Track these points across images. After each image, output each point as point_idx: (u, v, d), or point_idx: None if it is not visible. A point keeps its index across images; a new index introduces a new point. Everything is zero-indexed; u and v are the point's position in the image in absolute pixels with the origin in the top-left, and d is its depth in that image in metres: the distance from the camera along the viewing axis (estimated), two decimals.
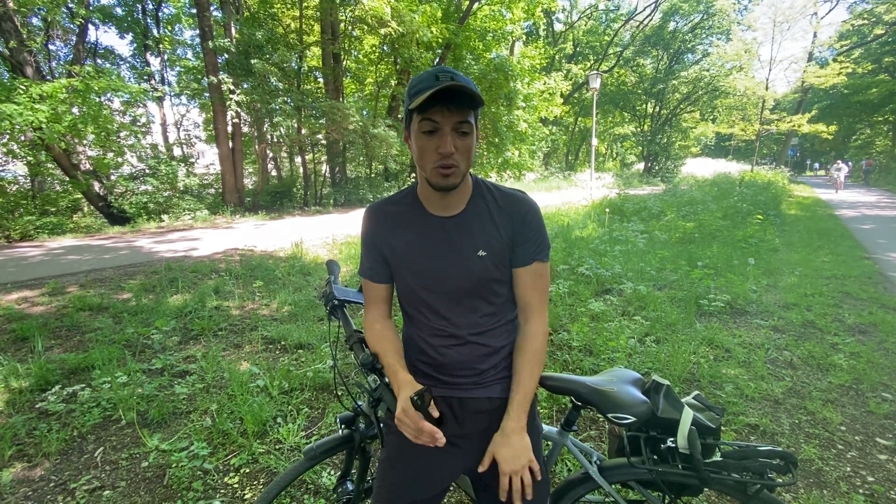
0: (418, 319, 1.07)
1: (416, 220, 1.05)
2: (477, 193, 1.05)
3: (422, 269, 1.03)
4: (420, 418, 0.84)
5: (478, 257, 1.01)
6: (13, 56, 9.19)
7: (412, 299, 1.07)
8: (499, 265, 1.02)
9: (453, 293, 1.02)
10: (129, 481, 2.04)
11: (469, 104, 0.89)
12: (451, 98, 0.87)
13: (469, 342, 1.03)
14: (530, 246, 1.03)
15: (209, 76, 12.15)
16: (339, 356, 3.09)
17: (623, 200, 11.15)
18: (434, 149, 0.91)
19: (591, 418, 2.49)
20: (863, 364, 3.03)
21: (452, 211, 1.03)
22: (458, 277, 1.01)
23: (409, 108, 0.91)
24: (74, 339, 3.61)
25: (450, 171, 0.92)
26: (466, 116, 0.90)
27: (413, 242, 1.04)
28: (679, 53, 29.80)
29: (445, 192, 0.97)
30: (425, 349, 1.06)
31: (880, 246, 7.36)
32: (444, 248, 1.02)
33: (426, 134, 0.91)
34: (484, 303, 1.03)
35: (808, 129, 23.33)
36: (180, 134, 19.02)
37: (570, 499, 1.28)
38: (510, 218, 1.02)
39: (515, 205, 1.04)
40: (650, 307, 4.07)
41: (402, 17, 12.12)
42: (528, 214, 1.03)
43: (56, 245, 8.03)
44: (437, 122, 0.89)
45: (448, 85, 0.85)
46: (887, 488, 1.93)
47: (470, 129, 0.92)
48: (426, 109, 0.89)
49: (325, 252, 6.88)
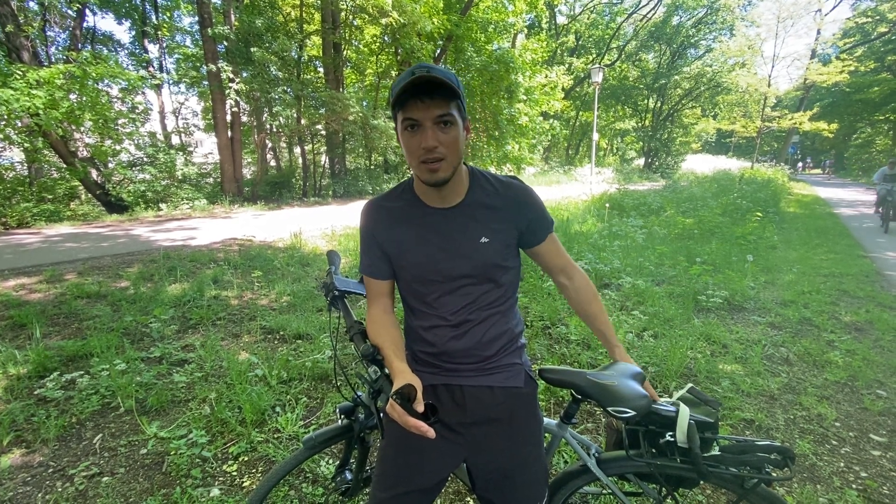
0: (420, 310, 1.07)
1: (416, 214, 1.05)
2: (475, 183, 1.06)
3: (424, 261, 1.03)
4: (404, 413, 0.84)
5: (481, 244, 1.02)
6: (10, 41, 9.06)
7: (414, 291, 1.07)
8: (502, 250, 1.04)
9: (456, 282, 1.03)
10: (127, 468, 2.05)
11: (445, 94, 0.89)
12: (425, 91, 0.87)
13: (471, 331, 1.04)
14: (538, 224, 1.08)
15: (208, 64, 12.02)
16: (339, 347, 3.09)
17: (623, 196, 11.13)
18: (417, 144, 0.91)
19: (587, 411, 2.51)
20: (858, 361, 3.05)
21: (451, 202, 1.04)
22: (462, 266, 1.02)
23: (391, 105, 0.92)
24: (72, 326, 3.61)
25: (436, 165, 0.92)
26: (446, 109, 0.90)
27: (414, 236, 1.04)
28: (682, 48, 29.61)
29: (437, 187, 0.97)
30: (427, 338, 1.07)
31: (878, 245, 7.38)
32: (447, 238, 1.03)
33: (408, 130, 0.92)
34: (486, 291, 1.04)
35: (810, 126, 23.30)
36: (179, 122, 18.88)
37: (567, 490, 1.29)
38: (512, 204, 1.05)
39: (514, 191, 1.06)
40: (648, 302, 4.08)
41: (404, 7, 11.99)
42: (529, 198, 1.07)
43: (53, 232, 7.99)
44: (415, 118, 0.89)
45: (419, 76, 0.85)
46: (880, 484, 1.95)
47: (453, 120, 0.91)
48: (405, 106, 0.90)
49: (325, 243, 6.87)
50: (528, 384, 1.11)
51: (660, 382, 2.77)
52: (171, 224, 9.04)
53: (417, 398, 0.86)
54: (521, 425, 1.09)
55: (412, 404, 0.85)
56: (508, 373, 1.08)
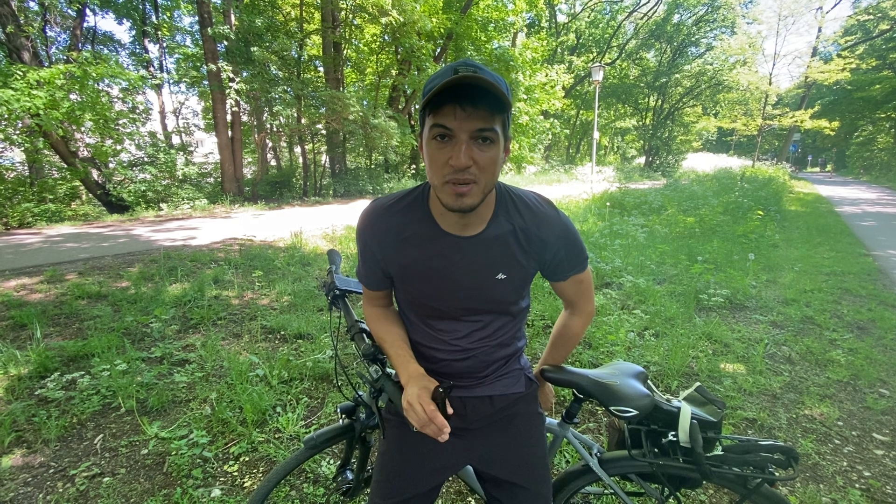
0: (421, 329, 1.01)
1: (427, 238, 0.90)
2: (501, 211, 0.90)
3: (430, 291, 0.94)
4: (435, 410, 0.82)
5: (496, 280, 0.91)
6: (10, 41, 9.07)
7: (416, 311, 1.01)
8: (518, 288, 0.95)
9: (462, 313, 0.97)
10: (128, 468, 2.04)
11: (492, 105, 0.72)
12: (468, 95, 0.71)
13: (474, 356, 0.99)
14: (566, 264, 0.96)
15: (208, 64, 12.02)
16: (339, 346, 3.09)
17: (624, 194, 11.11)
18: (445, 160, 0.74)
19: (589, 410, 2.50)
20: (861, 360, 3.03)
21: (472, 231, 0.89)
22: (472, 300, 0.94)
23: (421, 105, 0.76)
24: (73, 326, 3.61)
25: (465, 188, 0.75)
26: (490, 123, 0.73)
27: (422, 264, 0.91)
28: (683, 46, 29.58)
29: (461, 213, 0.82)
30: (427, 355, 1.02)
31: (880, 243, 7.36)
32: (459, 271, 0.91)
33: (437, 140, 0.75)
34: (495, 319, 0.99)
35: (811, 124, 23.27)
36: (179, 122, 18.92)
37: (569, 490, 1.28)
38: (541, 243, 0.92)
39: (547, 228, 0.91)
40: (650, 301, 4.07)
41: (403, 6, 11.98)
42: (562, 239, 0.93)
43: (54, 232, 7.99)
44: (450, 128, 0.73)
45: (464, 76, 0.68)
46: (883, 483, 1.94)
47: (494, 137, 0.75)
48: (439, 110, 0.73)
49: (325, 243, 6.86)
50: (528, 386, 1.10)
51: (662, 382, 2.76)
52: (172, 224, 9.04)
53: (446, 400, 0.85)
54: (522, 426, 1.08)
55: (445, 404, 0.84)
56: (508, 380, 1.06)
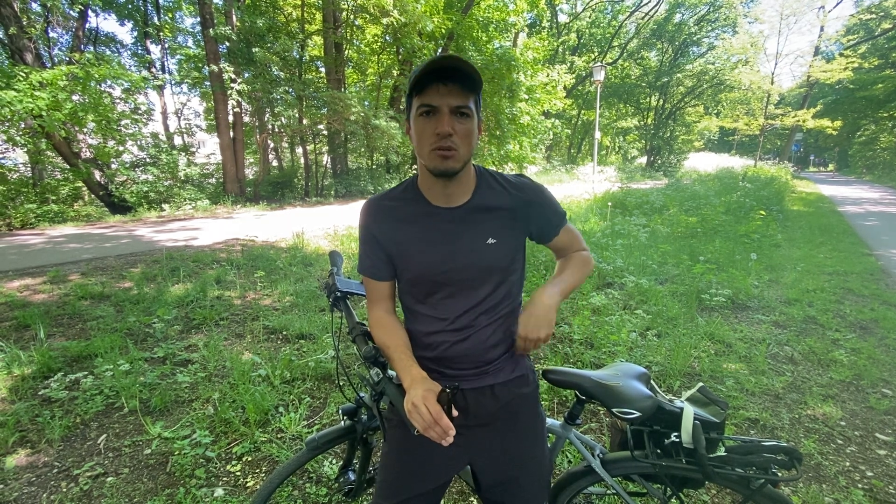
0: (421, 314, 1.05)
1: (420, 213, 1.01)
2: (482, 182, 1.03)
3: (428, 262, 1.00)
4: (440, 412, 0.84)
5: (487, 245, 0.99)
6: (13, 42, 9.10)
7: (416, 293, 1.05)
8: (509, 252, 1.02)
9: (460, 284, 1.00)
10: (132, 468, 2.05)
11: (465, 85, 0.88)
12: (447, 75, 0.86)
13: (473, 335, 1.02)
14: (551, 220, 1.08)
15: (210, 65, 12.04)
16: (341, 347, 3.09)
17: (625, 194, 11.10)
18: (432, 130, 0.89)
19: (591, 411, 2.50)
20: (863, 360, 3.03)
21: (457, 201, 1.00)
22: (468, 268, 0.99)
23: (409, 88, 0.91)
24: (76, 326, 3.62)
25: (449, 153, 0.89)
26: (465, 101, 0.89)
27: (418, 236, 1.01)
28: (684, 46, 29.54)
29: (446, 177, 0.94)
30: (428, 343, 1.04)
31: (883, 243, 7.34)
32: (452, 239, 1.00)
33: (423, 116, 0.90)
34: (490, 293, 1.02)
35: (813, 124, 23.20)
36: (181, 123, 18.95)
37: (572, 491, 1.29)
38: (521, 204, 1.03)
39: (525, 190, 1.04)
40: (652, 301, 4.07)
41: (405, 6, 11.98)
42: (538, 196, 1.05)
43: (57, 233, 8.02)
44: (433, 104, 0.87)
45: (444, 58, 0.85)
46: (886, 483, 1.94)
47: (469, 113, 0.90)
48: (423, 91, 0.88)
49: (327, 243, 6.87)
50: (530, 384, 1.10)
51: (664, 382, 2.76)
52: (174, 224, 9.06)
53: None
54: (523, 425, 1.09)
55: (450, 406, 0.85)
56: (507, 368, 1.07)
